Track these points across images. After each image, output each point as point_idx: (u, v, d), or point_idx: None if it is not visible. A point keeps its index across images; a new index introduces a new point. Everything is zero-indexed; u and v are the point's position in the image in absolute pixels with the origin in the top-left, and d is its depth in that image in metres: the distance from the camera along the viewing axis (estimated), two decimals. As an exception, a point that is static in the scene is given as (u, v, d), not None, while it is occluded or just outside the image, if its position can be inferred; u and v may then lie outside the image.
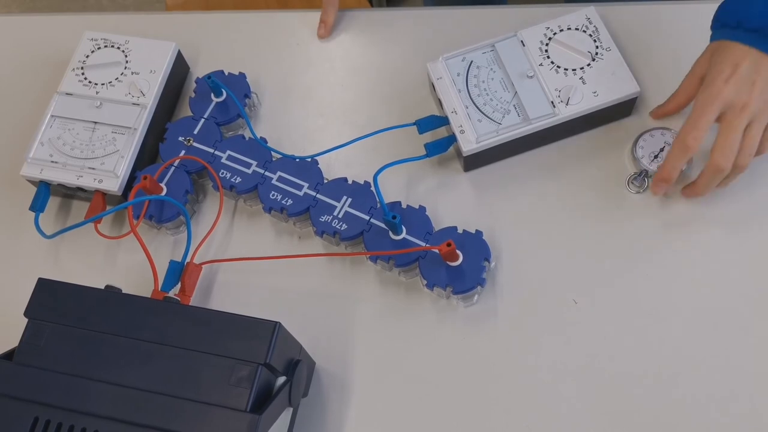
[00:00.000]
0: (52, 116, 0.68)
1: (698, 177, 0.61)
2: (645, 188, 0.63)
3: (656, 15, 0.71)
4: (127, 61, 0.70)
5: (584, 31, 0.66)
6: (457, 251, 0.59)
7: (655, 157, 0.63)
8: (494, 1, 1.11)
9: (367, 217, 0.62)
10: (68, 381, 0.50)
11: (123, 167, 0.65)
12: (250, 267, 0.64)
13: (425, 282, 0.60)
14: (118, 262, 0.66)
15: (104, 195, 0.66)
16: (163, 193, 0.65)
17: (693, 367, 0.57)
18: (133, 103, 0.68)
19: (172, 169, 0.67)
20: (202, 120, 0.69)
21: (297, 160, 0.66)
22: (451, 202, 0.65)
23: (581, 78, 0.64)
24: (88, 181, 0.65)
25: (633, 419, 0.56)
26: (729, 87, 0.57)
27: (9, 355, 0.51)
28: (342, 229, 0.62)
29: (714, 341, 0.58)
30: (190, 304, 0.62)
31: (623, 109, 0.66)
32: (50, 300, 0.52)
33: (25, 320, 0.52)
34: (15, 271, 0.67)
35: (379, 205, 0.62)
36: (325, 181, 0.65)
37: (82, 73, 0.70)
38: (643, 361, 0.58)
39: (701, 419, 0.56)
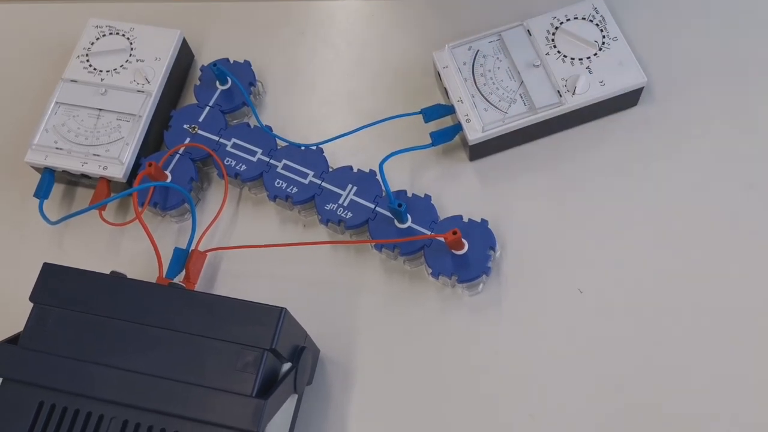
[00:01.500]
0: (56, 103, 0.68)
1: None
2: None
3: (664, 4, 0.71)
4: (132, 49, 0.70)
5: (591, 21, 0.66)
6: (463, 240, 0.59)
7: None
8: None
9: (372, 206, 0.62)
10: (73, 365, 0.49)
11: (128, 154, 0.65)
12: (255, 254, 0.63)
13: (430, 270, 0.60)
14: (122, 249, 0.66)
15: (109, 182, 0.65)
16: (168, 180, 0.65)
17: (700, 359, 0.57)
18: (138, 91, 0.68)
19: (177, 156, 0.66)
20: (207, 108, 0.68)
21: (302, 148, 0.65)
22: (457, 190, 0.65)
23: (588, 67, 0.64)
24: (92, 168, 0.65)
25: (637, 408, 0.56)
26: None
27: (14, 339, 0.51)
28: (347, 217, 0.62)
29: (723, 334, 0.58)
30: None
31: (630, 99, 0.66)
32: (55, 285, 0.52)
33: (30, 305, 0.52)
34: (19, 257, 0.67)
35: (384, 194, 0.62)
36: (331, 169, 0.65)
37: (87, 60, 0.69)
38: (648, 351, 0.58)
39: (707, 410, 0.56)
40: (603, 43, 0.65)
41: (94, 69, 0.69)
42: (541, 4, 0.69)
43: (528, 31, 0.66)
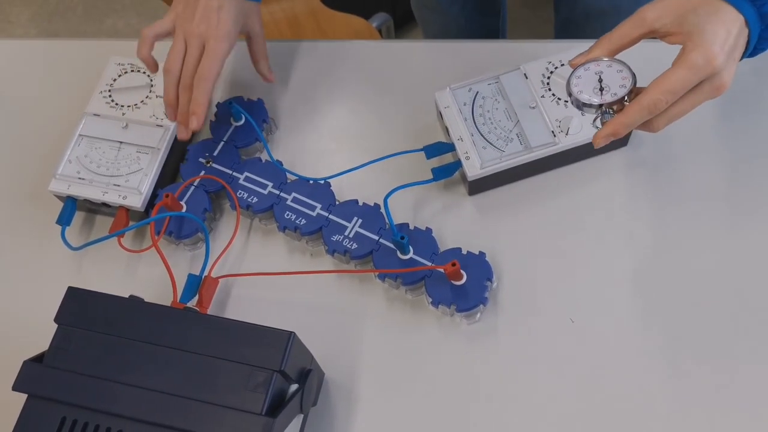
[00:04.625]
0: (80, 135, 0.72)
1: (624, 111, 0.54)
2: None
3: (652, 50, 0.75)
4: (152, 85, 0.74)
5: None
6: (461, 271, 0.63)
7: (601, 90, 0.58)
8: (491, 36, 1.15)
9: (376, 237, 0.66)
10: (94, 383, 0.53)
11: (146, 185, 0.69)
12: (264, 282, 0.67)
13: (430, 300, 0.63)
14: (139, 274, 0.70)
15: (127, 210, 0.69)
16: (183, 210, 0.69)
17: (692, 387, 0.60)
18: (157, 125, 0.72)
19: (192, 188, 0.70)
20: (222, 142, 0.72)
21: (311, 182, 0.69)
22: (456, 224, 0.69)
23: (580, 110, 0.68)
24: (112, 197, 0.69)
25: (626, 433, 0.59)
26: (723, 55, 0.48)
27: (39, 358, 0.55)
28: (352, 248, 0.66)
29: (706, 359, 0.61)
30: (206, 315, 0.65)
31: (620, 140, 0.69)
32: (79, 307, 0.56)
33: (53, 325, 0.55)
34: (41, 280, 0.71)
35: (388, 226, 0.66)
36: (337, 202, 0.68)
37: (110, 95, 0.74)
38: (637, 378, 0.61)
39: (690, 435, 0.59)
40: (595, 87, 0.69)
41: (116, 104, 0.73)
42: (536, 49, 0.74)
43: (525, 74, 0.70)
